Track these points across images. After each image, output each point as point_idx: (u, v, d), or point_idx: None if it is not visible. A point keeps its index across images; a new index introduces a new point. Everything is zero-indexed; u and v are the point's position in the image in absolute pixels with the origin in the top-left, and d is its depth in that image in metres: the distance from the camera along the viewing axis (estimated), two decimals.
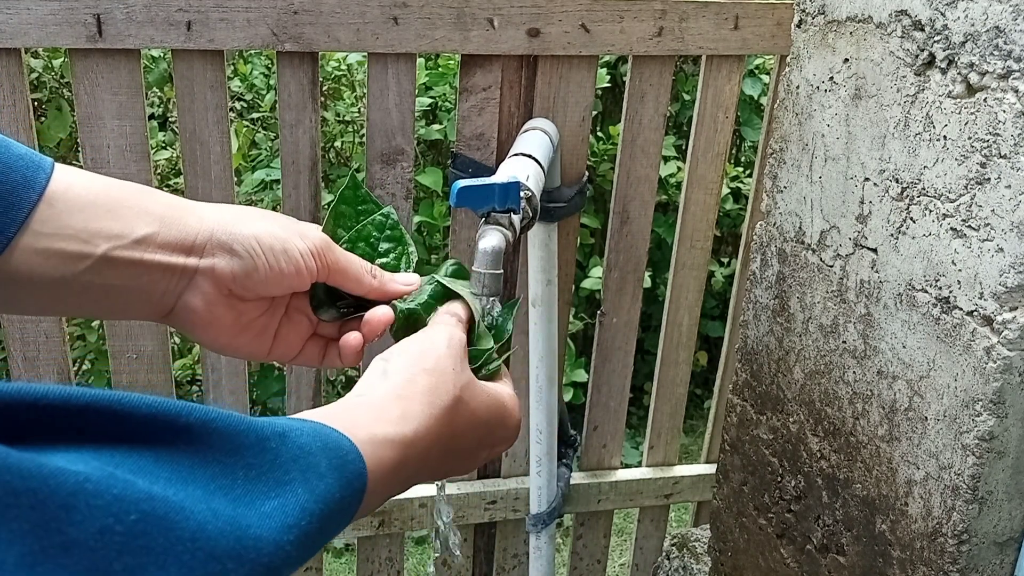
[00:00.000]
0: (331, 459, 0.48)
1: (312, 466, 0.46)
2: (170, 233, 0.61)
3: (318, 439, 0.48)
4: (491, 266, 0.82)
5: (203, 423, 0.42)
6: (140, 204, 0.61)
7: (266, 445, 0.44)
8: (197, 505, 0.39)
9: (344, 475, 0.48)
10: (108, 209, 0.59)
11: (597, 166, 2.92)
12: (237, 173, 2.57)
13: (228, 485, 0.42)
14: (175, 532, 0.37)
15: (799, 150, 1.25)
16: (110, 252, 0.59)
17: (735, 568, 1.52)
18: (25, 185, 0.57)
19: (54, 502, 0.33)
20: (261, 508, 0.42)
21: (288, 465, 0.45)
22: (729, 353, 1.90)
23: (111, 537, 0.35)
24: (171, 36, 1.38)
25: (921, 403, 1.04)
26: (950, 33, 0.95)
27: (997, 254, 0.91)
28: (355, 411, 0.55)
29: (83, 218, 0.58)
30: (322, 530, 0.46)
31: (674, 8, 1.54)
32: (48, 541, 0.33)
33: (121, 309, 0.63)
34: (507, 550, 1.96)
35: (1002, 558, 1.02)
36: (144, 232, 0.60)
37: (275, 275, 0.64)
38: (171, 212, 0.62)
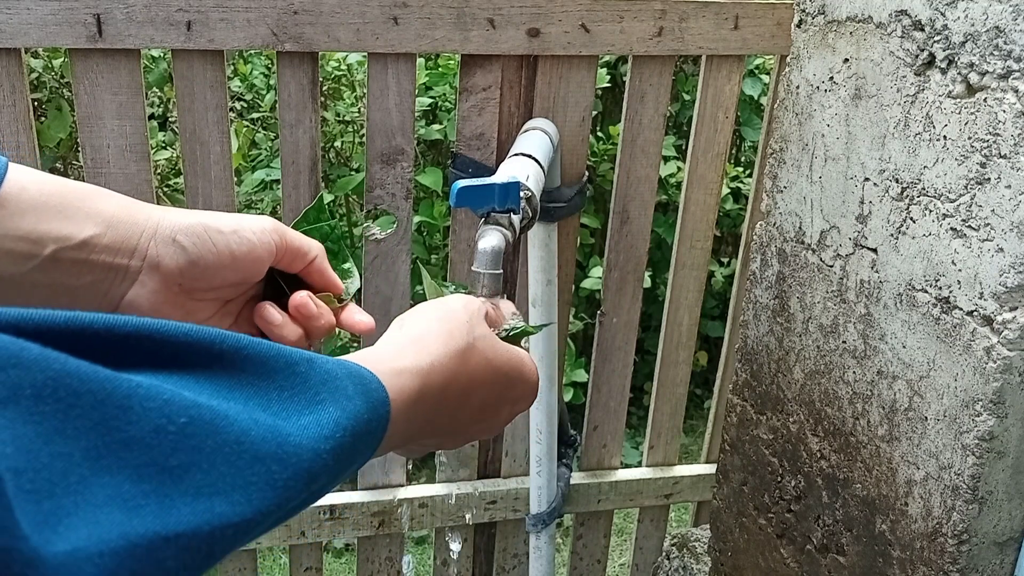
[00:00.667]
0: (356, 384, 0.50)
1: (340, 388, 0.48)
2: (116, 233, 0.62)
3: (342, 367, 0.50)
4: (491, 266, 0.82)
5: (235, 349, 0.44)
6: (91, 205, 0.62)
7: (295, 369, 0.46)
8: (240, 414, 0.41)
9: (369, 400, 0.50)
10: (59, 211, 0.60)
11: (597, 166, 2.92)
12: (237, 173, 2.57)
13: (264, 403, 0.44)
14: (221, 435, 0.40)
15: (799, 150, 1.25)
16: (56, 253, 0.60)
17: (735, 568, 1.52)
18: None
19: (112, 402, 0.36)
20: (298, 421, 0.44)
21: (318, 387, 0.47)
22: (729, 353, 1.90)
23: (165, 436, 0.38)
24: (171, 36, 1.38)
25: (921, 403, 1.04)
26: (950, 33, 0.95)
27: (997, 254, 0.91)
28: (374, 352, 0.58)
29: (34, 219, 0.59)
30: (354, 446, 0.48)
31: (674, 8, 1.54)
32: (110, 437, 0.36)
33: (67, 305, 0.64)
34: (507, 550, 1.96)
35: (1002, 558, 1.02)
36: (91, 233, 0.61)
37: (225, 257, 0.64)
38: (120, 212, 0.63)
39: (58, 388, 0.34)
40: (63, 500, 0.33)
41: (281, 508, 0.43)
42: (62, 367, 0.35)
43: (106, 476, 0.35)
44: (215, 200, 1.51)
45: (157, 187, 2.33)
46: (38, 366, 0.34)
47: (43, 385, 0.34)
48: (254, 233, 0.65)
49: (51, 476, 0.33)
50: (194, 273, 0.64)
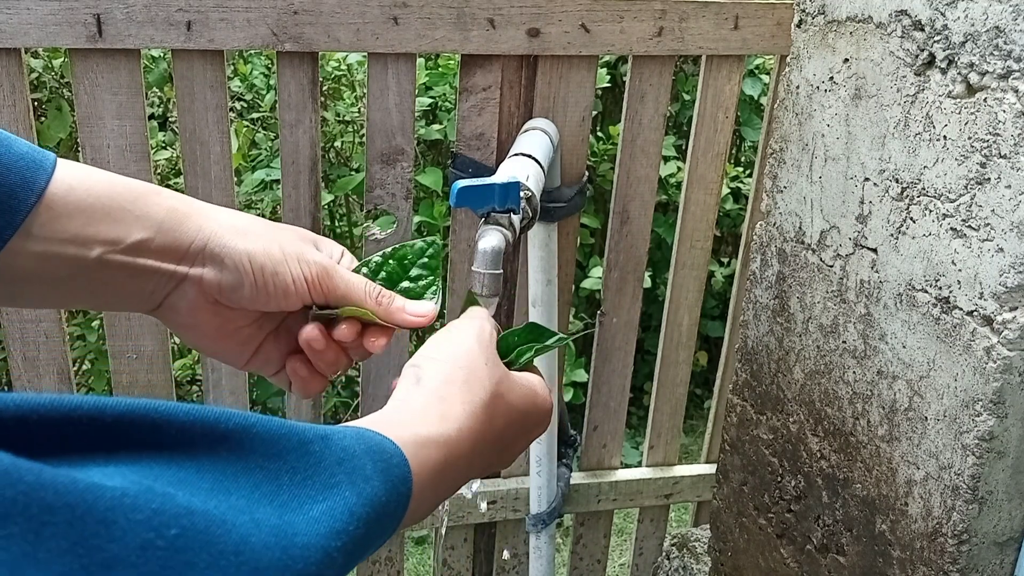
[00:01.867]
0: (376, 462, 0.46)
1: (358, 468, 0.45)
2: (165, 240, 0.61)
3: (361, 441, 0.47)
4: (491, 266, 0.82)
5: (243, 428, 0.41)
6: (140, 207, 0.61)
7: (309, 448, 0.43)
8: (240, 517, 0.38)
9: (390, 478, 0.47)
10: (107, 212, 0.59)
11: (597, 166, 2.92)
12: (237, 173, 2.57)
13: (273, 491, 0.41)
14: (217, 546, 0.36)
15: (799, 150, 1.25)
16: (103, 256, 0.59)
17: (735, 568, 1.52)
18: (24, 187, 0.56)
19: (92, 518, 0.32)
20: (309, 513, 0.41)
21: (333, 468, 0.43)
22: (729, 353, 1.90)
23: (153, 553, 0.34)
24: (171, 36, 1.38)
25: (921, 403, 1.04)
26: (950, 33, 0.95)
27: (997, 254, 0.91)
28: (395, 416, 0.54)
29: (81, 222, 0.58)
30: (368, 536, 0.44)
31: (674, 8, 1.54)
32: (89, 559, 0.32)
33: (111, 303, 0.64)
34: (507, 550, 1.96)
35: (1002, 558, 1.02)
36: (139, 237, 0.60)
37: (261, 294, 0.64)
38: (171, 217, 0.62)
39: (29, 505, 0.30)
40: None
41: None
42: (35, 479, 0.31)
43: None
44: (215, 200, 1.51)
45: None
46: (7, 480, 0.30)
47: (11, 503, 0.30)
48: (293, 281, 0.64)
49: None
50: (231, 296, 0.63)
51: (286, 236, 0.66)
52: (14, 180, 0.56)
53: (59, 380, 1.57)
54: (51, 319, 1.53)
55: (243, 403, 1.68)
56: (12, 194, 0.56)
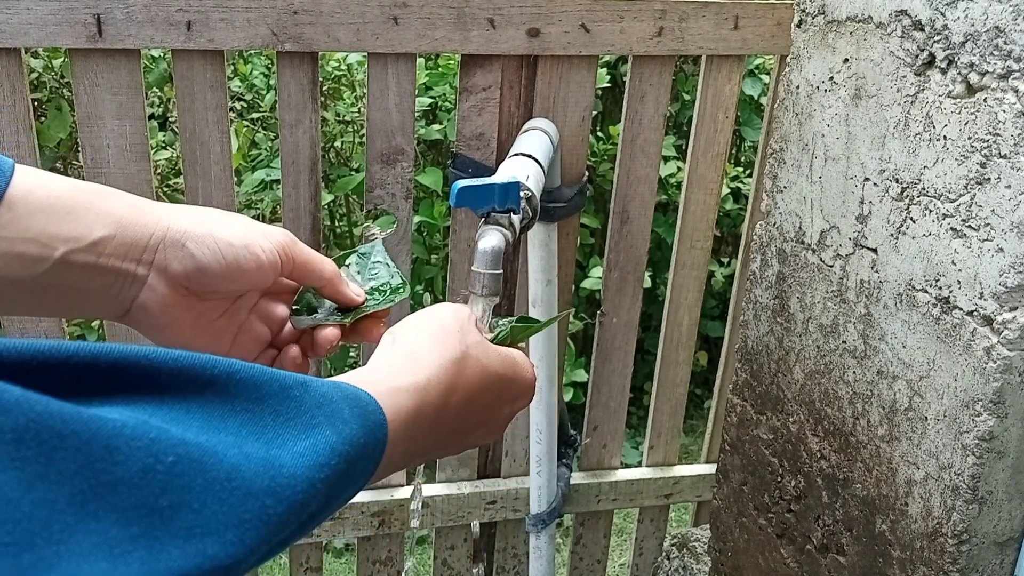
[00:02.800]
0: (352, 407, 0.49)
1: (336, 412, 0.47)
2: (126, 235, 0.61)
3: (338, 390, 0.50)
4: (491, 266, 0.81)
5: (228, 374, 0.43)
6: (100, 206, 0.61)
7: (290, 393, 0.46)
8: (229, 450, 0.40)
9: (366, 423, 0.49)
10: (67, 212, 0.60)
11: (597, 166, 2.92)
12: (237, 173, 2.57)
13: (259, 430, 0.43)
14: (211, 473, 0.39)
15: (799, 150, 1.25)
16: (67, 255, 0.59)
17: (735, 568, 1.52)
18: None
19: (97, 443, 0.35)
20: (293, 448, 0.44)
21: (313, 411, 0.46)
22: (729, 353, 1.90)
23: (153, 476, 0.36)
24: (171, 36, 1.38)
25: (921, 403, 1.04)
26: (950, 33, 0.95)
27: (997, 254, 0.91)
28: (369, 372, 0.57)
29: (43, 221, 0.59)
30: (349, 472, 0.47)
31: (674, 8, 1.54)
32: (95, 480, 0.34)
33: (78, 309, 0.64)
34: (507, 550, 1.96)
35: (1002, 558, 1.02)
36: (101, 235, 0.61)
37: (233, 271, 0.64)
38: (129, 213, 0.62)
39: (40, 431, 0.33)
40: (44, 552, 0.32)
41: (273, 542, 0.41)
42: (44, 408, 0.33)
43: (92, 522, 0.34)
44: (215, 200, 1.51)
45: (157, 187, 2.33)
46: (19, 408, 0.33)
47: (24, 429, 0.32)
48: (264, 251, 0.65)
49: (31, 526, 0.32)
50: (201, 280, 0.64)
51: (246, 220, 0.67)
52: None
53: None
54: (51, 319, 1.53)
55: None
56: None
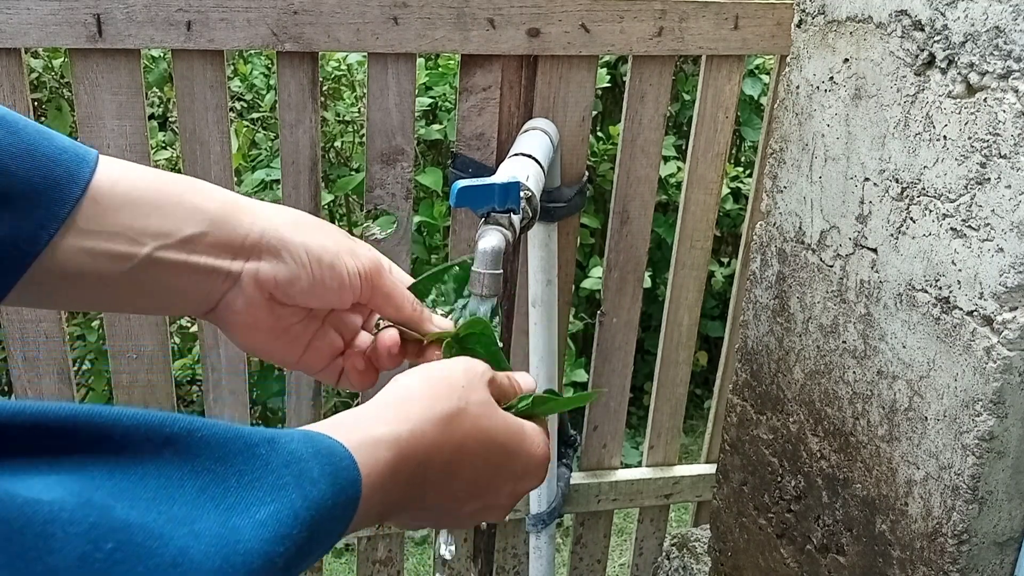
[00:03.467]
0: (323, 465, 0.46)
1: (304, 471, 0.44)
2: (219, 234, 0.59)
3: (309, 444, 0.46)
4: (491, 266, 0.81)
5: (188, 432, 0.41)
6: (191, 201, 0.59)
7: (255, 451, 0.43)
8: (179, 529, 0.38)
9: (337, 481, 0.46)
10: (156, 206, 0.57)
11: (597, 166, 2.92)
12: (237, 173, 2.57)
13: (220, 494, 0.41)
14: (154, 559, 0.36)
15: (799, 150, 1.25)
16: (155, 252, 0.57)
17: (735, 568, 1.52)
18: (68, 180, 0.54)
19: (31, 531, 0.33)
20: (255, 516, 0.41)
21: (280, 470, 0.43)
22: (729, 353, 1.90)
23: (91, 564, 0.34)
24: (171, 36, 1.38)
25: (921, 403, 1.04)
26: (950, 33, 0.95)
27: (997, 254, 0.91)
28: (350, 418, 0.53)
29: (130, 215, 0.56)
30: (312, 540, 0.44)
31: (674, 8, 1.54)
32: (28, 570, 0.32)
33: (163, 307, 0.63)
34: (507, 550, 1.96)
35: (1002, 558, 1.02)
36: (192, 232, 0.58)
37: (318, 287, 0.63)
38: (223, 210, 0.60)
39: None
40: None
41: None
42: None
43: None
44: None
45: None
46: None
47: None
48: (348, 275, 0.64)
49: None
50: (287, 290, 0.63)
51: (334, 232, 0.65)
52: (58, 172, 0.54)
53: (59, 380, 1.57)
54: (51, 319, 1.53)
55: (243, 403, 1.68)
56: (57, 186, 0.54)
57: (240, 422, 1.69)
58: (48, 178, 0.54)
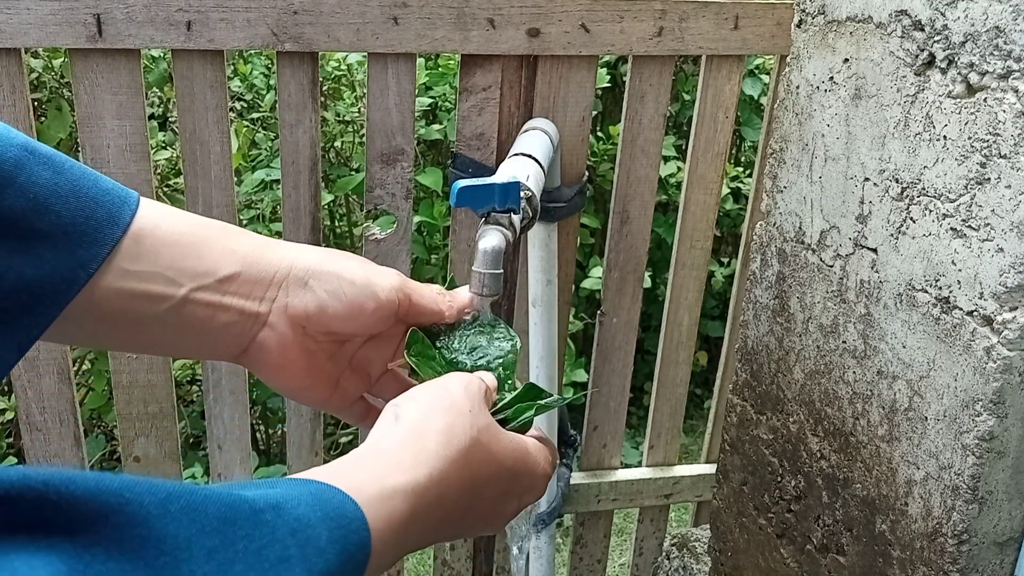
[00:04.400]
0: (332, 530, 0.45)
1: (311, 540, 0.43)
2: (251, 272, 0.61)
3: (318, 507, 0.45)
4: (491, 266, 0.81)
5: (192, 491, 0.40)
6: (224, 243, 0.61)
7: (261, 517, 0.42)
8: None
9: (346, 548, 0.46)
10: (194, 247, 0.59)
11: (597, 166, 2.92)
12: (237, 173, 2.57)
13: (229, 559, 0.39)
14: None
15: (799, 150, 1.25)
16: (192, 294, 0.59)
17: (735, 568, 1.52)
18: (110, 221, 0.56)
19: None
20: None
21: (286, 540, 0.42)
22: (729, 353, 1.90)
23: None
24: (171, 36, 1.38)
25: (921, 403, 1.04)
26: (950, 33, 0.95)
27: (997, 254, 0.91)
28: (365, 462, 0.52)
29: (170, 256, 0.58)
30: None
31: (674, 8, 1.54)
32: None
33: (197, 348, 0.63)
34: (507, 550, 1.96)
35: (1002, 558, 1.02)
36: (228, 272, 0.60)
37: (353, 311, 0.63)
38: (254, 251, 0.62)
39: None
40: None
41: None
42: None
43: None
44: (215, 200, 1.51)
45: (157, 187, 2.33)
46: None
47: None
48: (383, 291, 0.64)
49: None
50: (320, 319, 0.63)
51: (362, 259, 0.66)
52: (100, 214, 0.56)
53: (59, 380, 1.57)
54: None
55: (243, 403, 1.68)
56: (98, 227, 0.55)
57: (240, 422, 1.69)
58: (91, 218, 0.55)
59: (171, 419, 1.66)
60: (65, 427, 1.61)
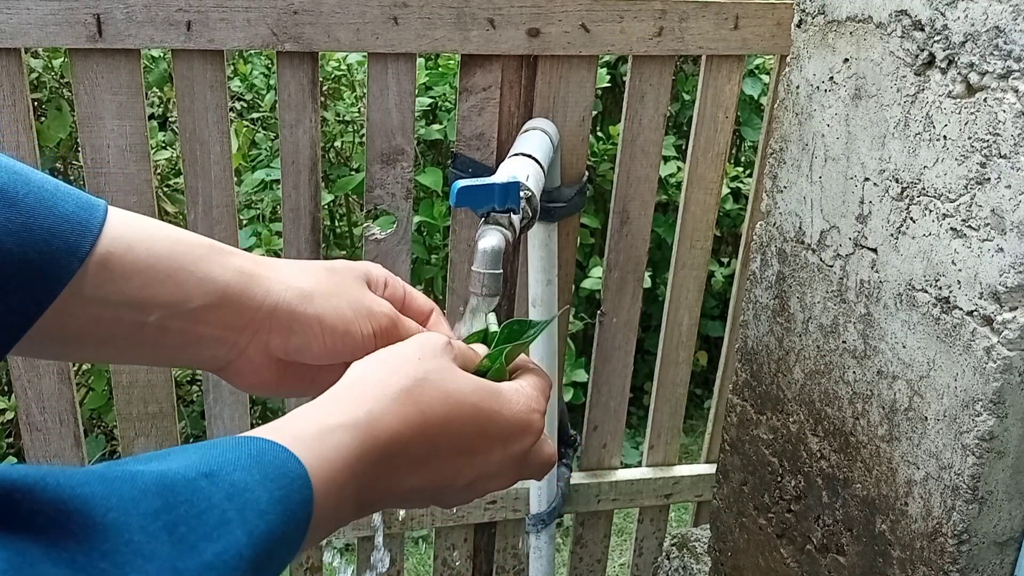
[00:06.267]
0: (273, 491, 0.44)
1: (250, 502, 0.43)
2: (230, 306, 0.58)
3: (256, 469, 0.44)
4: (491, 266, 0.82)
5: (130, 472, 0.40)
6: (203, 270, 0.58)
7: (196, 485, 0.41)
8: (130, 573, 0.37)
9: (288, 507, 0.45)
10: (168, 274, 0.56)
11: (597, 166, 2.92)
12: (237, 173, 2.57)
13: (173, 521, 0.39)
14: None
15: (799, 150, 1.25)
16: (162, 321, 0.56)
17: (735, 568, 1.52)
18: (67, 253, 0.53)
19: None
20: (203, 556, 0.40)
21: (223, 504, 0.42)
22: (729, 353, 1.90)
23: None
24: (171, 36, 1.38)
25: (921, 403, 1.04)
26: (950, 33, 0.95)
27: (997, 254, 0.91)
28: (304, 412, 0.51)
29: (140, 282, 0.55)
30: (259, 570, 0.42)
31: (674, 8, 1.54)
32: None
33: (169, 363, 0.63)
34: (507, 550, 1.96)
35: (1002, 558, 1.02)
36: (202, 303, 0.57)
37: (330, 354, 0.62)
38: (238, 280, 0.59)
39: None
40: None
41: None
42: None
43: None
44: (215, 200, 1.51)
45: (157, 187, 2.33)
46: None
47: None
48: (363, 338, 0.61)
49: None
50: (297, 357, 0.61)
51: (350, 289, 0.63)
52: (56, 246, 0.52)
53: (59, 380, 1.57)
54: None
55: (243, 402, 1.68)
56: (54, 261, 0.53)
57: (240, 422, 1.69)
58: (44, 253, 0.52)
59: (171, 419, 1.66)
60: (65, 427, 1.61)
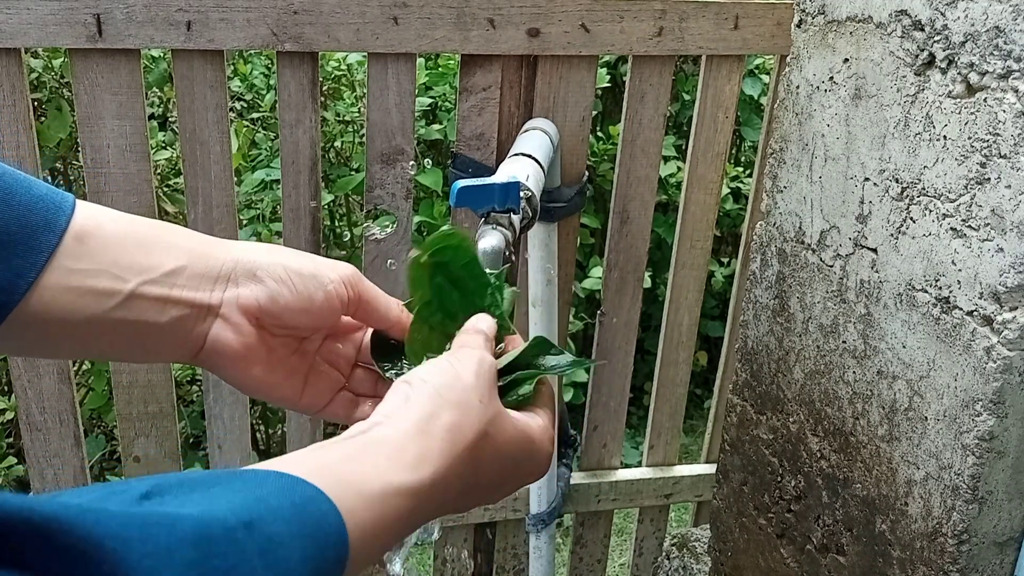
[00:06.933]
0: (307, 548, 0.44)
1: (281, 560, 0.42)
2: (198, 265, 0.61)
3: (295, 522, 0.44)
4: (491, 266, 0.82)
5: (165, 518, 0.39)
6: (168, 239, 0.61)
7: (233, 536, 0.41)
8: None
9: (319, 565, 0.45)
10: (138, 243, 0.60)
11: (597, 166, 2.92)
12: (237, 173, 2.57)
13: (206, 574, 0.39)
14: None
15: (799, 150, 1.25)
16: (139, 287, 0.59)
17: (735, 568, 1.52)
18: (45, 227, 0.57)
19: None
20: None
21: (254, 560, 0.41)
22: (729, 353, 1.90)
23: None
24: (171, 36, 1.38)
25: (921, 403, 1.04)
26: (950, 33, 0.95)
27: (997, 254, 0.91)
28: (372, 452, 0.51)
29: (115, 253, 0.59)
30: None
31: (674, 8, 1.54)
32: None
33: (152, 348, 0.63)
34: (507, 550, 1.96)
35: (1002, 558, 1.02)
36: (173, 265, 0.60)
37: (303, 302, 0.63)
38: (199, 246, 0.62)
39: None
40: None
41: None
42: None
43: None
44: (215, 200, 1.51)
45: (157, 187, 2.33)
46: None
47: None
48: (331, 281, 0.64)
49: None
50: (272, 310, 0.63)
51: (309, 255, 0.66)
52: (35, 220, 0.56)
53: (59, 380, 1.57)
54: None
55: (243, 402, 1.68)
56: (33, 234, 0.56)
57: (240, 422, 1.69)
58: (25, 226, 0.56)
59: (171, 419, 1.66)
60: (65, 427, 1.61)
